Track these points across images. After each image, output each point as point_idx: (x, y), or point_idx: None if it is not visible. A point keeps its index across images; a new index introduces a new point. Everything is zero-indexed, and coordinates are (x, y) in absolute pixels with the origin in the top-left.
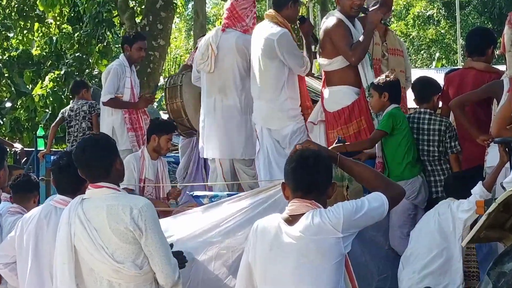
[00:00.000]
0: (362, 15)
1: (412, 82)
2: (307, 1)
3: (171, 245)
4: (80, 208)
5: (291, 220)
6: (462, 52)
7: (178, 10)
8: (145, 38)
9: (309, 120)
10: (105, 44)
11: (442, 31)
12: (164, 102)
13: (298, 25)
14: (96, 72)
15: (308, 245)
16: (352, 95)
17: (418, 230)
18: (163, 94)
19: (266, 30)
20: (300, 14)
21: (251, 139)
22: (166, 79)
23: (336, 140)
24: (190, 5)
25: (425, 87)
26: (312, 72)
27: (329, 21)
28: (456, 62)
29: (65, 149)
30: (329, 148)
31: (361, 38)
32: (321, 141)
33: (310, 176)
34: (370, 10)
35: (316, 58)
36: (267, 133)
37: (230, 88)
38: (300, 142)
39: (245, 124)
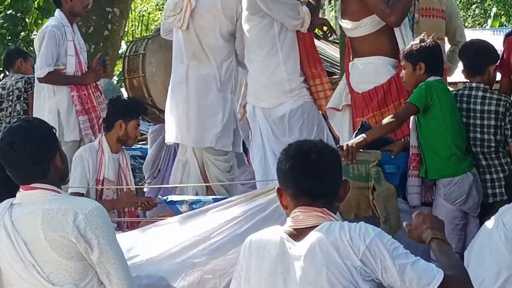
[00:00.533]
0: None
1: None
2: None
3: None
4: (8, 215)
5: (297, 235)
6: None
7: None
8: None
9: (330, 106)
10: None
11: None
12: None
13: None
14: (36, 36)
15: (319, 271)
16: (388, 70)
17: (477, 248)
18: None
19: None
20: None
21: (228, 125)
22: (128, 45)
23: (359, 127)
24: None
25: (478, 55)
26: (332, 34)
27: None
28: None
29: None
30: (347, 144)
31: None
32: (344, 133)
33: (317, 177)
34: None
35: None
36: (261, 114)
37: (209, 54)
38: (305, 126)
39: (223, 103)
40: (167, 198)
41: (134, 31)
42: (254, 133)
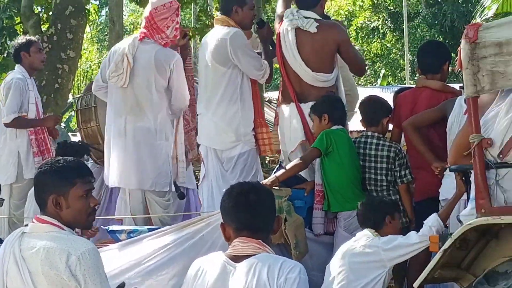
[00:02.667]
0: None
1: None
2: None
3: (123, 284)
4: (17, 244)
5: (235, 259)
6: (410, 68)
7: (90, 18)
8: (38, 39)
9: (282, 149)
10: (5, 55)
11: (388, 45)
12: (73, 124)
13: (256, 30)
14: None
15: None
16: None
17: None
18: (72, 114)
19: (217, 32)
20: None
21: (165, 168)
22: (76, 99)
23: (277, 166)
24: (103, 12)
25: (373, 109)
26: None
27: (336, 28)
28: (403, 79)
29: None
30: (262, 182)
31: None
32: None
33: (252, 216)
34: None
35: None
36: (213, 155)
37: (144, 107)
38: (246, 168)
39: (159, 150)
40: (109, 227)
41: (79, 84)
42: (206, 171)
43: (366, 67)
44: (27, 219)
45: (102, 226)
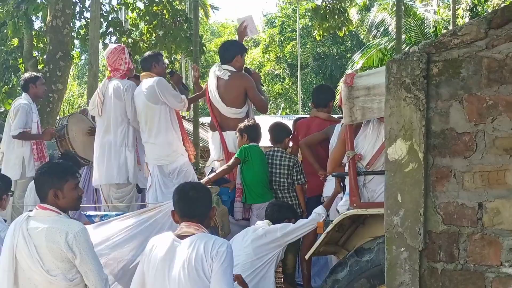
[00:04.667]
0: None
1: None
2: (180, 58)
3: None
4: (25, 224)
5: (181, 237)
6: (301, 103)
7: (74, 61)
8: (41, 76)
9: (215, 159)
10: (10, 86)
11: (287, 86)
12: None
13: (169, 78)
14: (2, 110)
15: (190, 262)
16: None
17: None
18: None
19: (146, 83)
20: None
21: (125, 166)
22: (56, 121)
23: (210, 170)
24: (83, 57)
25: (279, 131)
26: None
27: (243, 77)
28: (297, 111)
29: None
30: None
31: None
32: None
33: (192, 206)
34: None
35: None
36: (158, 171)
37: (111, 126)
38: (185, 174)
39: (119, 154)
40: (86, 213)
41: (64, 109)
42: (152, 183)
43: (269, 104)
44: (27, 206)
45: (81, 212)
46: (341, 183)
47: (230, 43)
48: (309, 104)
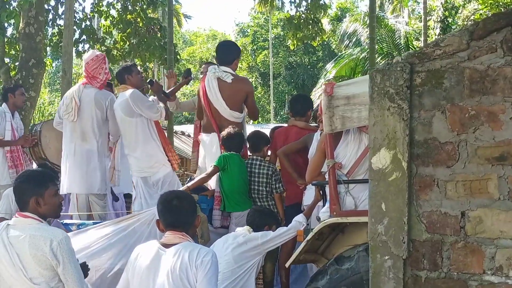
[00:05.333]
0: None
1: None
2: (153, 66)
3: (84, 263)
4: (5, 233)
5: (166, 246)
6: (273, 112)
7: (46, 68)
8: (22, 86)
9: (201, 166)
10: None
11: (259, 95)
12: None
13: (149, 87)
14: None
15: (175, 271)
16: None
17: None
18: None
19: (121, 96)
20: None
21: (105, 177)
22: (30, 127)
23: (188, 179)
24: (54, 64)
25: (257, 139)
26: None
27: (246, 82)
28: (269, 119)
29: None
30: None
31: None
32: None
33: (176, 215)
34: None
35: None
36: (142, 182)
37: (89, 134)
38: (169, 183)
39: (100, 165)
40: (63, 221)
41: (35, 115)
42: (137, 195)
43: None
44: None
45: (57, 220)
46: (321, 192)
47: (230, 44)
48: (281, 112)
